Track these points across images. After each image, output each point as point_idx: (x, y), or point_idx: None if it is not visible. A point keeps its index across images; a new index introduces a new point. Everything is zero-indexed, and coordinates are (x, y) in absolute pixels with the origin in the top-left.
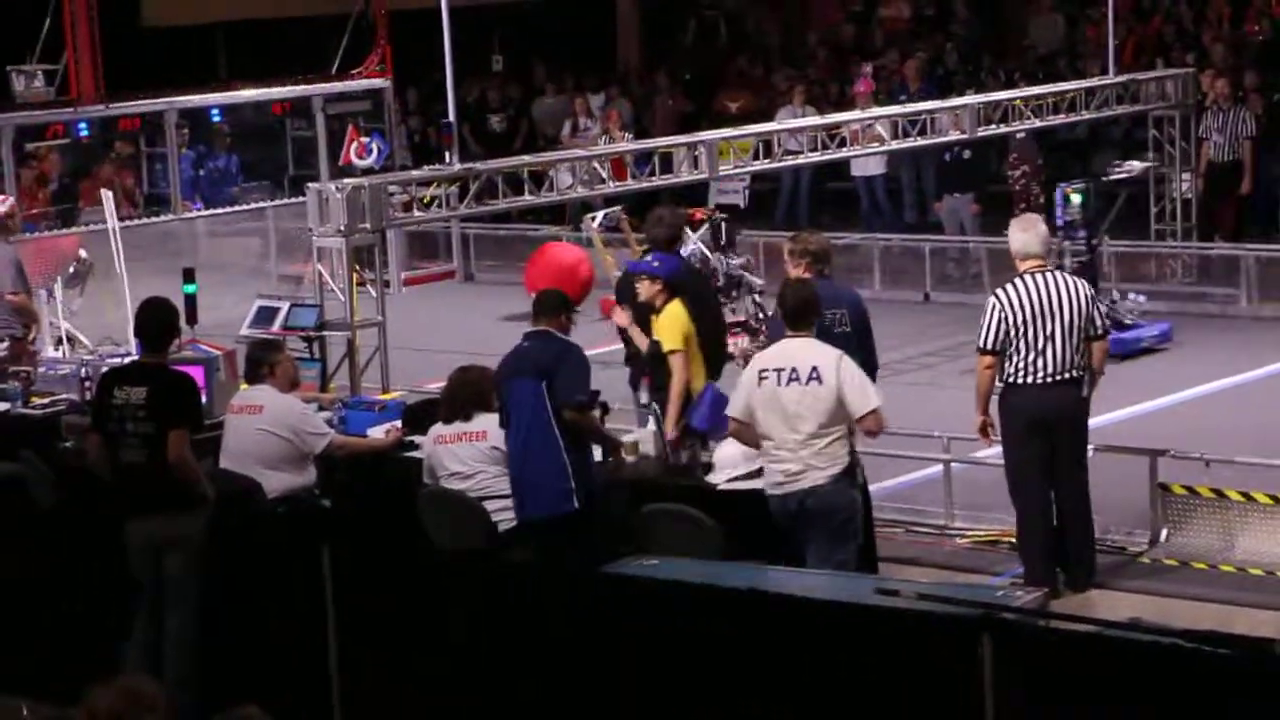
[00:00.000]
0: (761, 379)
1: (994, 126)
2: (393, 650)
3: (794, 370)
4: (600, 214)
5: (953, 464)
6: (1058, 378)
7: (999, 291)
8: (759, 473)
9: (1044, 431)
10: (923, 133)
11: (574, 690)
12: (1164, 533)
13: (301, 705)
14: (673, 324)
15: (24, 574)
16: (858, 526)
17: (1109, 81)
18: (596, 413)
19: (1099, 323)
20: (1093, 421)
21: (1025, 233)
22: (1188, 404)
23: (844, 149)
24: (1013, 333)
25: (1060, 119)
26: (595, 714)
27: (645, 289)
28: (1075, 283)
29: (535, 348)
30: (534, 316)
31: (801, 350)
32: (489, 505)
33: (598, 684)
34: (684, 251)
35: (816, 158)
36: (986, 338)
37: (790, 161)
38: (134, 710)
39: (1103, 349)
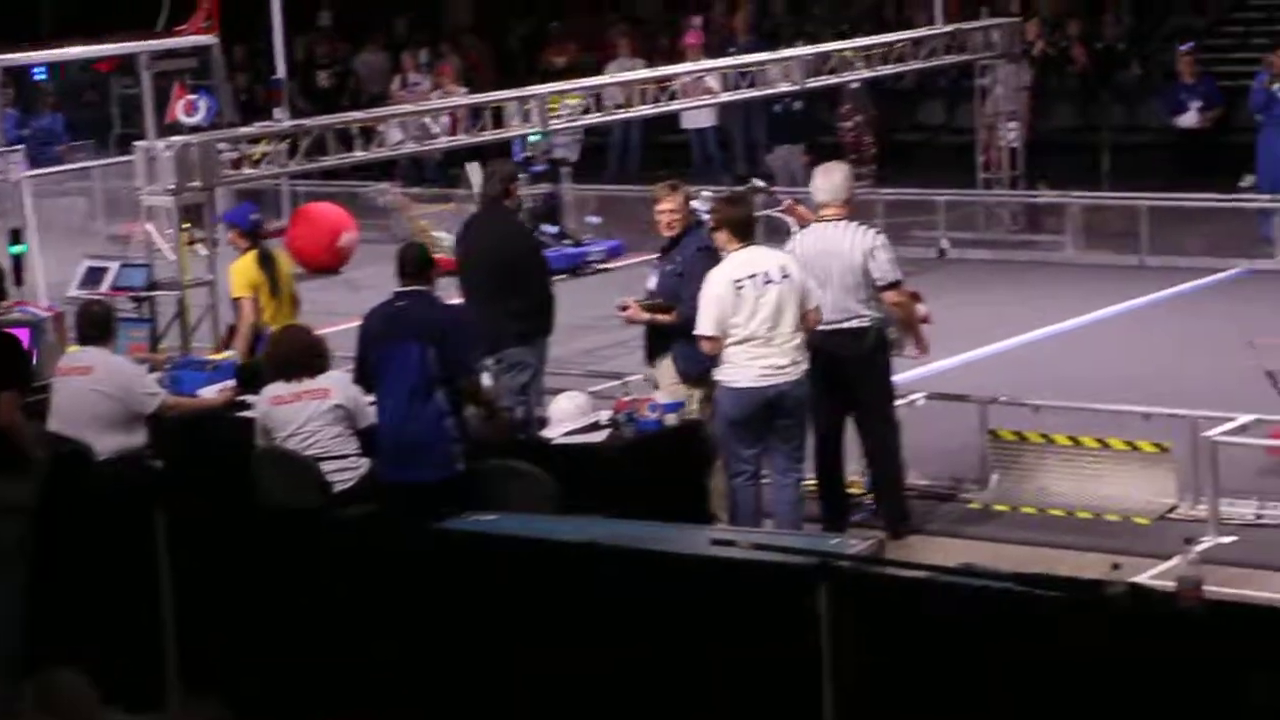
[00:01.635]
0: (739, 288)
1: (823, 77)
2: (229, 613)
3: (766, 273)
4: (386, 185)
5: None
6: (837, 326)
7: (796, 237)
8: (594, 427)
9: (830, 378)
10: (752, 84)
11: (413, 646)
12: (994, 478)
13: (136, 671)
14: (240, 273)
15: None
16: None
17: (936, 31)
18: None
19: (880, 272)
20: (924, 370)
21: (819, 179)
22: (1017, 350)
23: (675, 102)
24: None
25: (889, 69)
26: (434, 671)
27: (231, 238)
28: (856, 233)
29: (416, 309)
30: (402, 276)
31: (758, 256)
32: (326, 466)
33: (435, 641)
34: None
35: (648, 110)
36: None
37: (621, 114)
38: None
39: (895, 298)
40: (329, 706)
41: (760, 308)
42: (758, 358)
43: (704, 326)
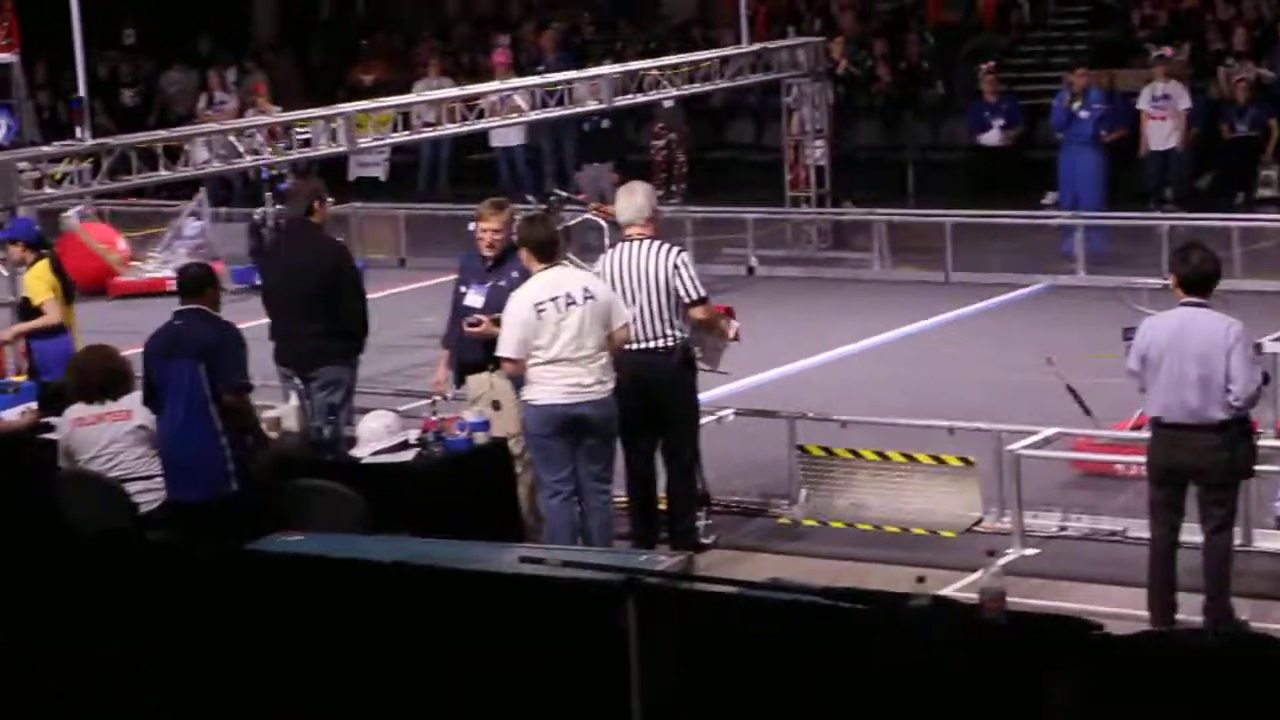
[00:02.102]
0: (540, 311)
1: (631, 96)
2: (33, 633)
3: (568, 294)
4: (74, 210)
5: None
6: (645, 345)
7: (605, 257)
8: (403, 446)
9: (639, 395)
10: (560, 103)
11: (221, 667)
12: (803, 493)
13: None
14: (40, 279)
15: None
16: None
17: (742, 50)
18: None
19: (686, 289)
20: (734, 385)
21: (621, 199)
22: (825, 366)
23: (483, 120)
24: None
25: (697, 88)
26: (243, 690)
27: (17, 252)
28: (662, 251)
29: (191, 327)
30: (182, 294)
31: (562, 277)
32: (131, 487)
33: (243, 661)
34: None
35: (455, 129)
36: None
37: (429, 133)
38: None
39: (701, 314)
40: None
41: (563, 330)
42: (563, 376)
43: (505, 348)
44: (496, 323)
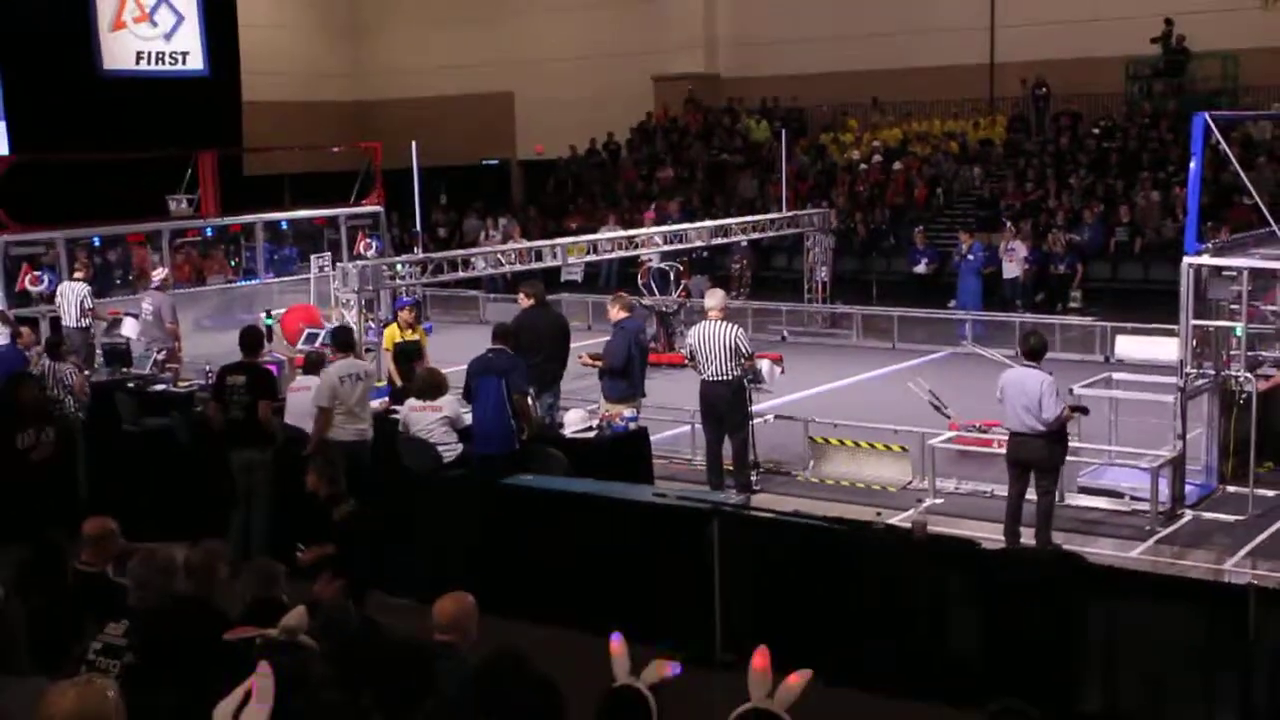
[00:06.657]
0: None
1: (721, 238)
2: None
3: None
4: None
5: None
6: (716, 379)
7: (693, 328)
8: (589, 429)
9: (711, 406)
10: (681, 241)
11: (491, 553)
12: (811, 463)
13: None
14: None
15: (171, 485)
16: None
17: (783, 215)
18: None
19: (744, 349)
20: (774, 401)
21: (708, 296)
22: (825, 393)
23: (638, 249)
24: (696, 350)
25: (757, 235)
26: (509, 566)
27: (407, 316)
28: (728, 327)
29: (496, 357)
30: (494, 339)
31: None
32: (439, 448)
33: (505, 550)
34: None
35: (621, 254)
36: (685, 351)
37: (607, 256)
38: (209, 560)
39: (749, 362)
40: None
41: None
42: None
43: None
44: (591, 358)
